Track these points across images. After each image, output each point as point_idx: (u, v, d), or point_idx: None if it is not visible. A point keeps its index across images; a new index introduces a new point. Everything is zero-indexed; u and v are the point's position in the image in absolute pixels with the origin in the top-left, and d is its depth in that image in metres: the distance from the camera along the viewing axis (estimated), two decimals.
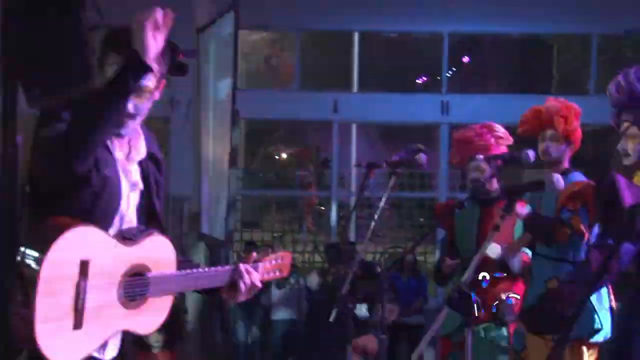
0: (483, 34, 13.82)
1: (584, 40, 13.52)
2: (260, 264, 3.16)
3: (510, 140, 5.52)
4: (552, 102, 5.18)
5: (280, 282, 9.55)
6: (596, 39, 13.09)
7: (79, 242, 2.59)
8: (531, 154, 4.07)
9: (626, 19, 12.49)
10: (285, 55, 15.19)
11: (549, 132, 5.06)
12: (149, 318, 2.82)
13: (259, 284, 3.09)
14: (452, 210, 5.54)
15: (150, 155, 2.97)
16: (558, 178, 3.38)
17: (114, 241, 2.70)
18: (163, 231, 2.92)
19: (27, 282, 2.50)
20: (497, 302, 5.18)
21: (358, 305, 8.70)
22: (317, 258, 14.53)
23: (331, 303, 4.42)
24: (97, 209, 2.75)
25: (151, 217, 2.97)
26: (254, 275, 3.07)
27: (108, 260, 2.66)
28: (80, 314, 2.57)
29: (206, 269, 2.99)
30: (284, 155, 19.14)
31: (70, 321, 2.56)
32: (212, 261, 8.98)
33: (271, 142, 18.36)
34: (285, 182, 17.13)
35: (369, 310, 8.92)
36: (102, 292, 2.64)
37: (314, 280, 9.87)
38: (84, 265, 2.58)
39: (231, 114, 7.61)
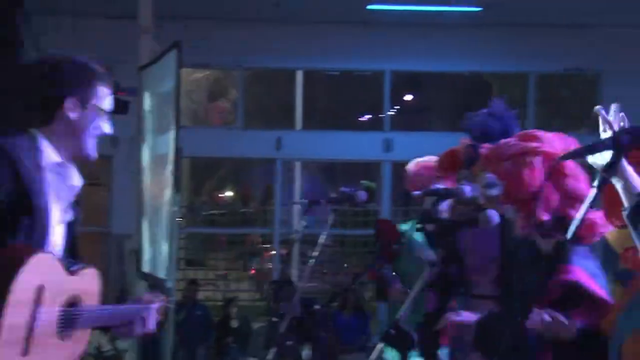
0: (424, 73, 14.01)
1: (521, 78, 13.77)
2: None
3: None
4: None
5: None
6: (534, 78, 13.35)
7: (39, 267, 2.59)
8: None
9: (564, 58, 12.78)
10: (228, 93, 15.21)
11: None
12: (71, 350, 2.80)
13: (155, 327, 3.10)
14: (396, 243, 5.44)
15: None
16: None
17: (63, 270, 2.70)
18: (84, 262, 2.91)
19: None
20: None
21: (303, 346, 8.61)
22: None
23: (271, 342, 4.41)
24: (32, 240, 2.72)
25: (74, 249, 2.95)
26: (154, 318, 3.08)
27: (56, 288, 2.66)
28: (29, 340, 2.56)
29: (127, 305, 3.02)
30: (228, 193, 19.10)
31: (20, 347, 2.55)
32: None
33: (215, 180, 18.31)
34: (229, 219, 17.07)
35: (312, 349, 8.84)
36: (47, 320, 2.63)
37: None
38: (39, 291, 2.58)
39: (174, 152, 7.59)
